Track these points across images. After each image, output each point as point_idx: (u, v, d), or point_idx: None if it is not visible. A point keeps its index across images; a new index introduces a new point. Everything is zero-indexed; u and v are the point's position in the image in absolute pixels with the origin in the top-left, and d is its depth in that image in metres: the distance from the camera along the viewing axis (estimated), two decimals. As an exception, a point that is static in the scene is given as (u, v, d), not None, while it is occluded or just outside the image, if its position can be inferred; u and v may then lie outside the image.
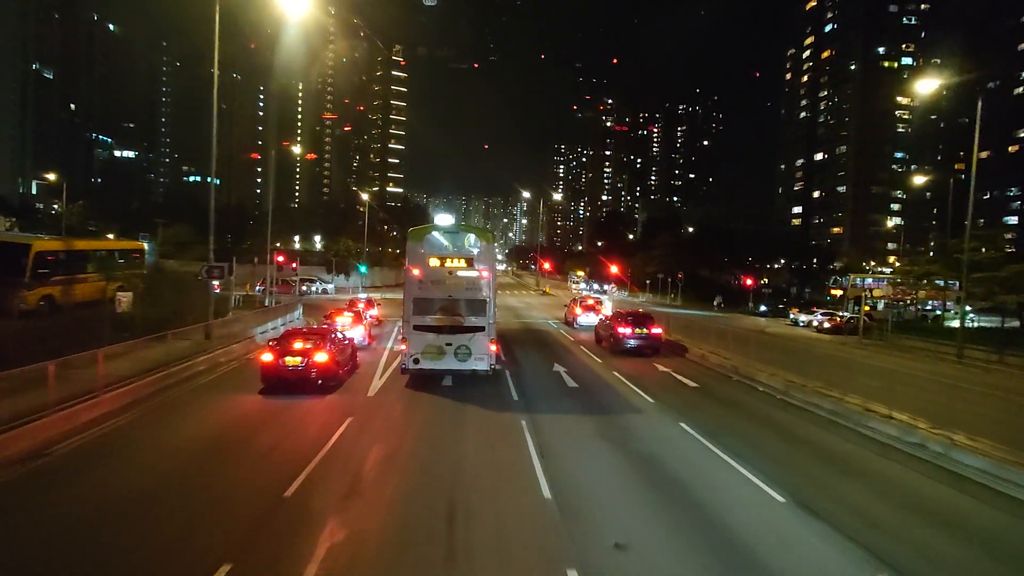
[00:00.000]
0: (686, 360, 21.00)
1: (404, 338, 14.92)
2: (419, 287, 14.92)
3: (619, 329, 21.36)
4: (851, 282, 48.50)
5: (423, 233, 15.24)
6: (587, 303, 30.56)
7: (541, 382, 16.22)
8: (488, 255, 15.20)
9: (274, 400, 13.21)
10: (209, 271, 19.30)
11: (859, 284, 48.26)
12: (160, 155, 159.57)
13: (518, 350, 22.04)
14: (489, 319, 14.99)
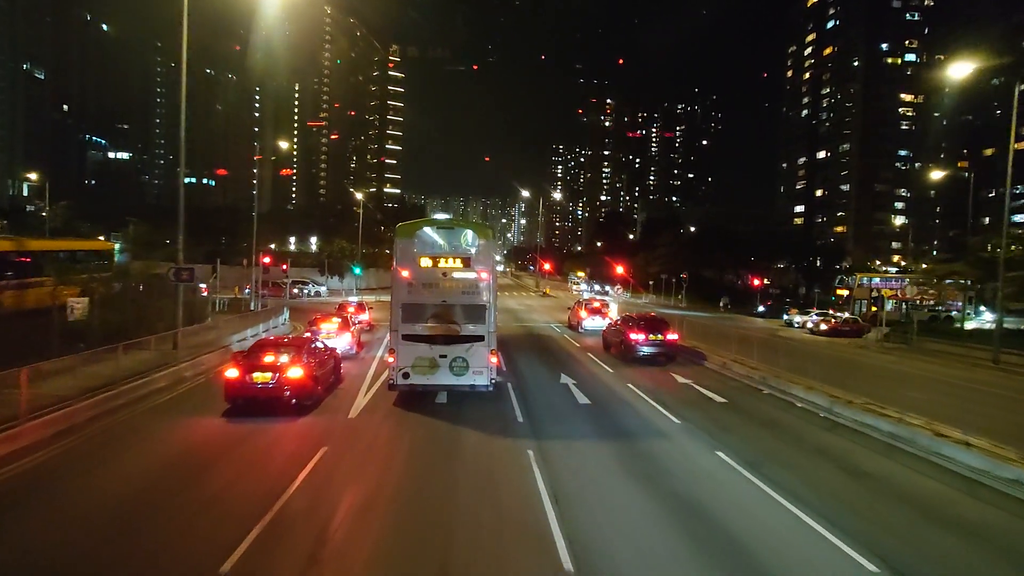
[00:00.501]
0: (705, 369, 19.11)
1: (392, 349, 13.02)
2: (409, 291, 13.02)
3: (631, 335, 19.48)
4: (857, 282, 46.61)
5: (413, 229, 13.33)
6: (593, 306, 28.68)
7: (548, 397, 14.32)
8: (487, 254, 13.31)
9: (237, 424, 11.30)
10: (177, 273, 17.38)
11: (866, 284, 46.43)
12: (155, 156, 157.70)
13: (520, 358, 20.15)
14: (489, 327, 13.10)
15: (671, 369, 18.66)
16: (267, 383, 11.87)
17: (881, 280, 47.40)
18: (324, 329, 19.15)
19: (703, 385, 16.14)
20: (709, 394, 15.04)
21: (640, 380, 16.64)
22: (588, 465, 9.31)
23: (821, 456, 10.21)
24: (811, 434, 11.64)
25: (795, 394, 14.56)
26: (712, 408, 13.66)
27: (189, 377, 15.20)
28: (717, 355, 19.94)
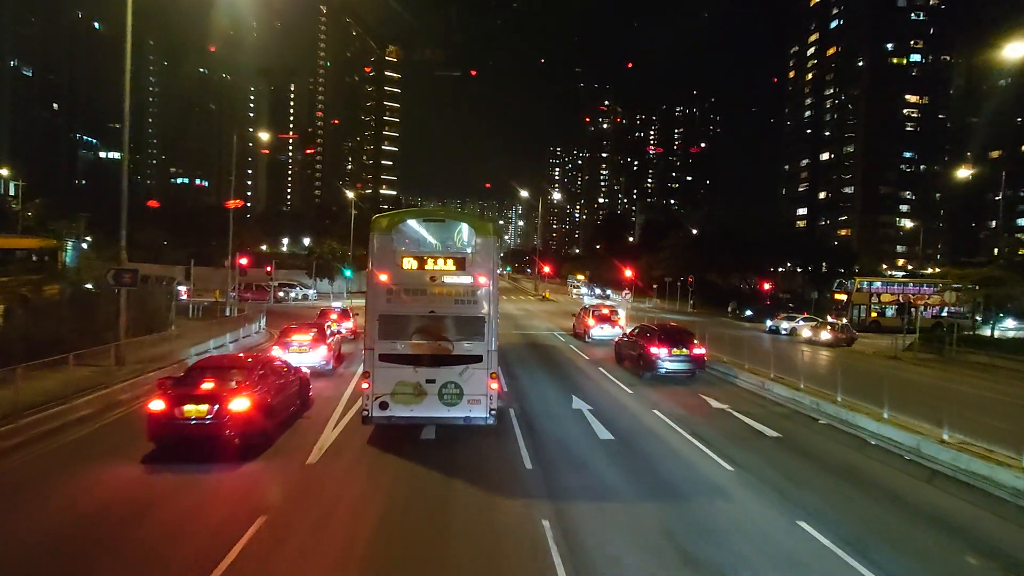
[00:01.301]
0: (739, 390, 16.47)
1: (366, 373, 10.35)
2: (388, 299, 10.36)
3: (651, 348, 16.84)
4: (856, 285, 43.91)
5: (394, 221, 10.65)
6: (601, 313, 26.01)
7: (561, 430, 11.65)
8: (487, 254, 10.64)
9: (157, 474, 8.62)
10: (118, 276, 14.65)
11: (865, 288, 43.79)
12: (147, 156, 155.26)
13: (523, 374, 17.49)
14: (489, 345, 10.46)
15: (699, 389, 16.01)
16: (202, 418, 9.18)
17: (882, 284, 44.72)
18: (296, 341, 16.46)
19: (743, 411, 13.49)
20: (755, 425, 12.39)
21: (667, 404, 14.00)
22: (629, 546, 6.65)
23: (943, 530, 7.55)
24: (911, 490, 8.97)
25: (861, 426, 11.92)
26: (766, 446, 11.01)
27: (124, 401, 12.48)
28: (750, 371, 17.31)
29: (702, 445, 10.74)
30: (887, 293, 43.35)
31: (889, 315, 42.68)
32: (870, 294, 42.97)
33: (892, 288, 44.07)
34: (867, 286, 43.64)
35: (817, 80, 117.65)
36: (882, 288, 43.90)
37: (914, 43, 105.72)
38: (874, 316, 42.33)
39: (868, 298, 42.79)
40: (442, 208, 12.32)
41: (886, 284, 44.66)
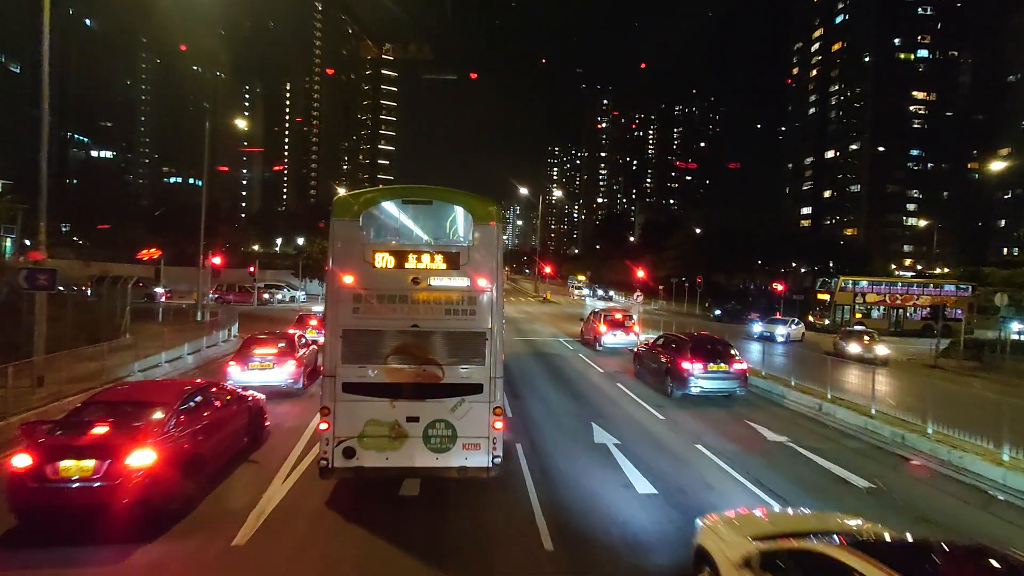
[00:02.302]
0: (789, 413, 13.75)
1: (325, 409, 7.62)
2: (355, 309, 7.62)
3: (683, 363, 14.12)
4: (839, 285, 41.23)
5: (364, 203, 7.86)
6: (614, 318, 23.27)
7: (585, 480, 8.89)
8: (489, 248, 7.87)
9: (10, 570, 5.89)
10: (31, 277, 11.86)
11: (849, 287, 41.02)
12: (139, 155, 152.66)
13: (530, 392, 14.77)
14: (491, 370, 7.75)
15: (743, 413, 13.31)
16: (87, 479, 6.45)
17: (868, 283, 42.00)
18: (258, 356, 13.71)
19: (810, 447, 10.77)
20: (833, 468, 9.67)
21: (711, 435, 11.30)
22: None
23: None
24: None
25: (976, 472, 9.21)
26: (862, 504, 8.26)
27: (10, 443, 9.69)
28: (798, 389, 14.61)
29: (776, 503, 8.03)
30: (872, 293, 40.76)
31: (876, 316, 40.23)
32: (854, 294, 40.33)
33: (879, 288, 41.42)
34: (851, 285, 40.86)
35: (822, 77, 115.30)
36: (868, 288, 41.21)
37: (921, 38, 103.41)
38: (859, 317, 39.66)
39: (852, 298, 40.14)
40: (429, 186, 8.39)
41: (873, 284, 41.95)
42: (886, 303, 40.40)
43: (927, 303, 40.54)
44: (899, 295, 40.80)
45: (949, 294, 41.26)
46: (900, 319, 40.43)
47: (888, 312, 40.38)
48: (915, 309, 40.55)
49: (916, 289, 41.67)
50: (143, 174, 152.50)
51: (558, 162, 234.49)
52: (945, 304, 40.08)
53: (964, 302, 40.63)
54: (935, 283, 43.76)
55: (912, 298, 40.71)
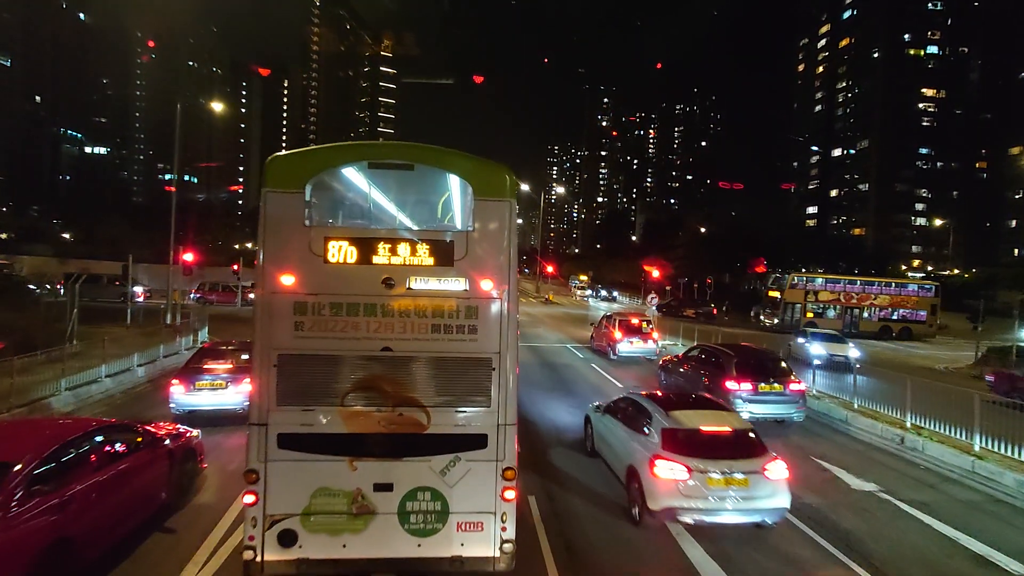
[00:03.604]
0: (861, 446, 11.21)
1: (252, 472, 5.11)
2: (297, 324, 5.11)
3: (727, 382, 11.61)
4: (790, 281, 38.50)
5: (314, 167, 5.31)
6: (630, 323, 20.73)
7: (630, 560, 6.39)
8: (498, 235, 5.33)
9: None
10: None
11: (800, 284, 38.41)
12: (134, 152, 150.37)
13: (539, 415, 12.25)
14: (500, 415, 5.28)
15: (805, 446, 10.81)
16: None
17: (823, 281, 39.53)
18: (209, 373, 11.17)
19: (914, 501, 8.25)
20: (965, 540, 7.15)
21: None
22: None
23: None
24: None
25: None
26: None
27: None
28: (862, 412, 12.11)
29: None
30: (826, 291, 38.26)
31: (831, 316, 37.88)
32: (806, 291, 37.88)
33: (834, 286, 38.91)
34: (802, 282, 38.41)
35: (829, 73, 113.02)
36: (822, 285, 38.70)
37: (931, 34, 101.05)
38: (810, 316, 37.38)
39: (803, 296, 37.73)
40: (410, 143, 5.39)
41: (828, 282, 39.48)
42: (840, 302, 38.06)
43: (885, 303, 38.25)
44: (855, 294, 38.41)
45: (911, 294, 39.07)
46: (856, 319, 38.12)
47: (843, 312, 38.07)
48: (872, 309, 38.23)
49: (874, 288, 39.23)
50: (137, 171, 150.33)
51: (558, 161, 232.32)
52: (906, 304, 38.07)
53: (927, 303, 38.60)
54: (897, 282, 41.29)
55: (869, 297, 38.33)
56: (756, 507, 6.77)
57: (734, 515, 6.77)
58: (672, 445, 7.04)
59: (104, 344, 13.76)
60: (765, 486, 6.79)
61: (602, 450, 9.02)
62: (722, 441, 7.22)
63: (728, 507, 6.71)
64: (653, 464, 6.89)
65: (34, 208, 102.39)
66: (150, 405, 12.28)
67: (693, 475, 6.70)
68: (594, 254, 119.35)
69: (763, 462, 6.99)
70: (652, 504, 6.83)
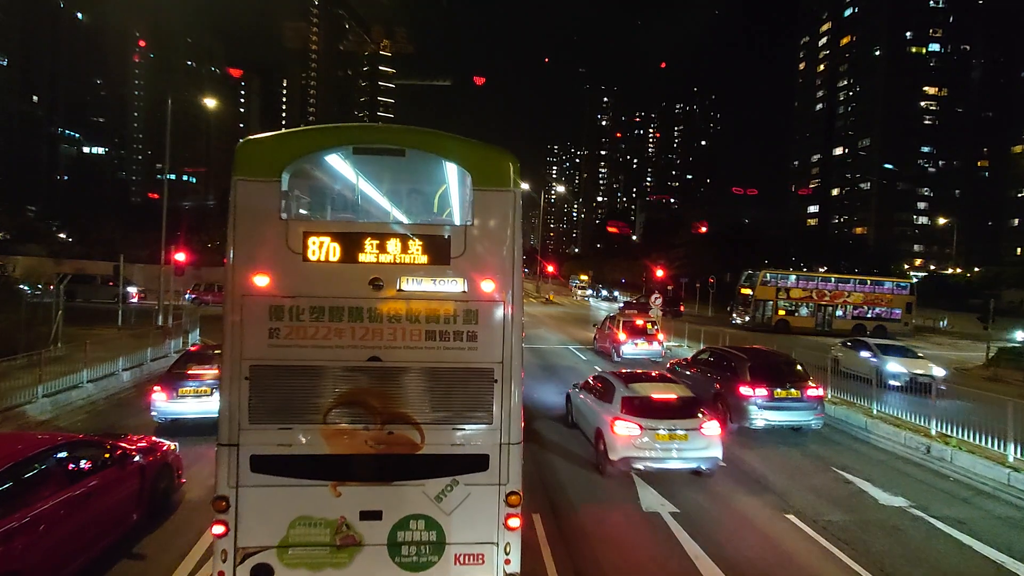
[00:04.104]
0: (884, 455, 10.58)
1: (221, 499, 4.50)
2: (272, 330, 4.49)
3: (740, 387, 11.01)
4: (760, 279, 37.69)
5: (291, 152, 4.66)
6: (635, 324, 20.13)
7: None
8: (501, 230, 4.70)
9: None
10: None
11: (771, 281, 37.65)
12: (132, 152, 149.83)
13: (542, 422, 11.63)
14: (504, 432, 4.66)
15: (824, 455, 10.21)
16: None
17: (796, 278, 38.86)
18: (194, 379, 10.55)
19: (949, 518, 7.64)
20: (1012, 564, 6.55)
21: (799, 494, 8.20)
22: None
23: None
24: None
25: None
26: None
27: None
28: (889, 421, 11.50)
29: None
30: (798, 289, 37.66)
31: (804, 314, 37.36)
32: (777, 289, 37.25)
33: (807, 284, 38.30)
34: (773, 280, 37.69)
35: (830, 71, 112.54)
36: (793, 283, 38.08)
37: (933, 32, 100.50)
38: (781, 314, 36.83)
39: (775, 293, 37.11)
40: (400, 126, 4.99)
41: (803, 279, 38.83)
42: (813, 299, 37.49)
43: (859, 301, 37.70)
44: (827, 292, 37.81)
45: (886, 292, 38.51)
46: (829, 318, 37.58)
47: (815, 310, 37.51)
48: (845, 307, 37.64)
49: (848, 286, 38.65)
50: (136, 171, 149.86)
51: (557, 160, 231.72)
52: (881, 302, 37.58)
53: (902, 301, 38.07)
54: (873, 280, 40.79)
55: (842, 295, 37.78)
56: (694, 456, 8.49)
57: (676, 463, 8.49)
58: (628, 409, 8.70)
59: (86, 347, 13.12)
60: (701, 440, 8.47)
61: (578, 421, 10.66)
62: (668, 405, 8.86)
63: (672, 456, 8.41)
64: (613, 424, 8.56)
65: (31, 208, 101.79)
66: (133, 412, 11.67)
67: (644, 432, 8.41)
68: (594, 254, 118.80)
69: (700, 422, 8.61)
70: (612, 455, 8.48)
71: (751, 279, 38.83)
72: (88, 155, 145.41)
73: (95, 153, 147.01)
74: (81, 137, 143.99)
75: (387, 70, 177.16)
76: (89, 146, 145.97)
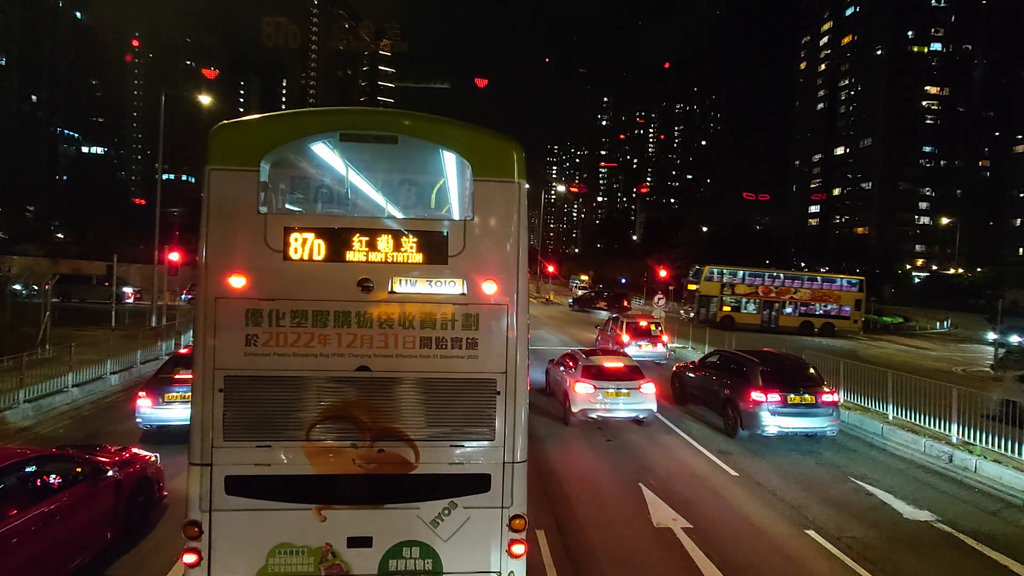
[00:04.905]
0: (904, 463, 10.10)
1: (193, 524, 4.04)
2: (249, 337, 4.02)
3: (752, 392, 10.54)
4: (704, 274, 37.06)
5: (270, 139, 4.19)
6: (638, 325, 19.65)
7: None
8: (504, 226, 4.23)
9: None
10: None
11: (716, 277, 36.94)
12: (132, 152, 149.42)
13: (544, 428, 11.19)
14: (508, 451, 4.20)
15: (841, 464, 9.74)
16: None
17: (742, 274, 38.09)
18: (180, 384, 10.08)
19: (979, 534, 7.18)
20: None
21: (817, 507, 7.76)
22: None
23: None
24: None
25: None
26: None
27: None
28: (907, 427, 11.03)
29: None
30: (743, 285, 37.07)
31: (751, 310, 36.80)
32: (722, 285, 36.67)
33: (753, 280, 37.75)
34: (718, 275, 37.07)
35: (831, 71, 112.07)
36: (740, 279, 37.46)
37: (934, 31, 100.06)
38: (727, 311, 36.23)
39: (719, 289, 36.51)
40: (392, 110, 4.89)
41: (752, 275, 38.28)
42: (758, 296, 36.96)
43: (806, 298, 37.18)
44: (773, 288, 37.27)
45: (834, 289, 38.08)
46: (775, 314, 37.08)
47: (761, 306, 36.98)
48: (795, 304, 37.16)
49: (796, 283, 38.12)
50: (135, 171, 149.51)
51: (557, 160, 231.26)
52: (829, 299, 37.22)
53: (851, 298, 37.66)
54: (825, 277, 40.50)
55: (789, 291, 37.22)
56: (634, 408, 11.31)
57: (621, 413, 11.33)
58: (587, 374, 11.35)
59: (72, 350, 12.66)
60: (640, 396, 11.24)
61: (554, 389, 13.00)
62: (616, 371, 11.57)
63: (618, 408, 11.23)
64: (575, 385, 11.26)
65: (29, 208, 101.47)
66: (119, 418, 11.22)
67: (597, 390, 11.08)
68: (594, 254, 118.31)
69: (640, 383, 11.34)
70: (574, 408, 11.18)
71: (698, 274, 38.26)
72: (87, 155, 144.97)
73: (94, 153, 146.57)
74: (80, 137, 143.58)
75: (387, 69, 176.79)
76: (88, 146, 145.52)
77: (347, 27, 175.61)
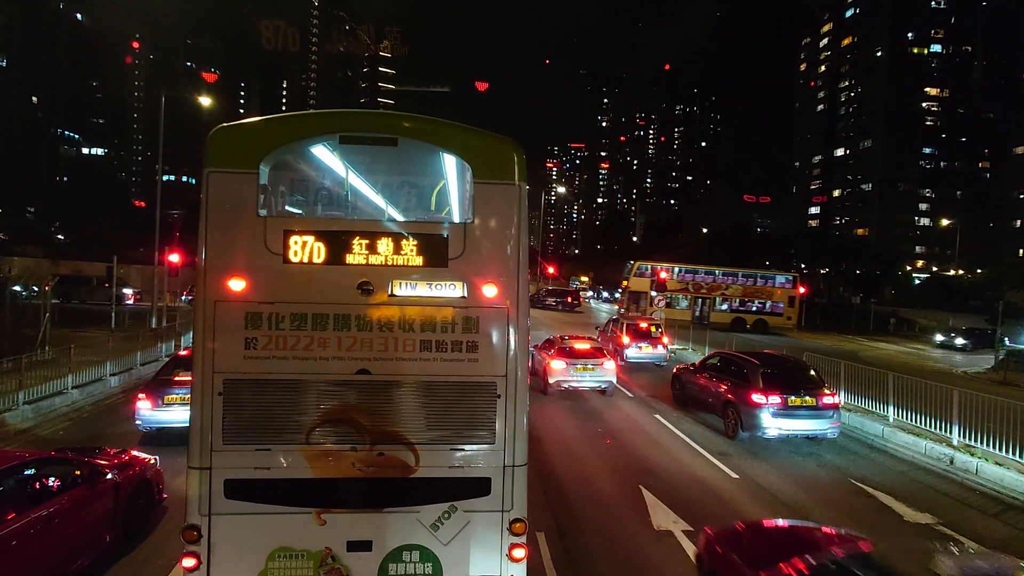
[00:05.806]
0: (905, 465, 10.10)
1: (191, 528, 4.02)
2: (248, 340, 3.99)
3: (752, 394, 10.52)
4: (633, 270, 36.20)
5: (269, 142, 4.17)
6: (639, 327, 19.67)
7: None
8: (504, 229, 4.22)
9: None
10: None
11: (646, 272, 35.45)
12: (132, 153, 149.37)
13: (544, 429, 11.17)
14: (507, 454, 4.20)
15: (841, 465, 9.74)
16: None
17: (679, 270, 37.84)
18: (180, 386, 10.07)
19: (983, 537, 7.18)
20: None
21: (817, 511, 7.74)
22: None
23: None
24: None
25: None
26: None
27: None
28: (908, 429, 11.02)
29: None
30: (673, 280, 36.60)
31: (682, 306, 36.67)
32: (651, 280, 36.46)
33: (685, 275, 37.69)
34: (648, 270, 36.14)
35: (831, 73, 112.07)
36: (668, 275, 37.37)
37: (934, 33, 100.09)
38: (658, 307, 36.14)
39: (649, 285, 36.26)
40: (391, 112, 5.42)
41: (687, 271, 38.18)
42: (689, 292, 36.95)
43: (738, 294, 37.18)
44: (704, 284, 37.26)
45: (768, 286, 38.02)
46: (707, 310, 36.97)
47: (692, 302, 36.89)
48: (729, 300, 37.07)
49: (728, 279, 38.06)
50: (136, 172, 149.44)
51: (557, 161, 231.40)
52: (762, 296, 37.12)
53: (785, 295, 37.61)
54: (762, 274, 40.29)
55: (720, 288, 37.26)
56: (598, 380, 14.18)
57: (588, 383, 14.22)
58: (560, 354, 14.24)
59: (72, 351, 12.65)
60: (602, 371, 14.18)
61: (536, 368, 14.80)
62: (585, 351, 14.48)
63: (585, 379, 14.12)
64: (551, 361, 14.09)
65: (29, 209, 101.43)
66: (119, 420, 11.21)
67: (569, 366, 13.92)
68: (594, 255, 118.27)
69: (603, 361, 14.32)
70: (550, 380, 14.00)
71: (629, 270, 37.99)
72: (88, 156, 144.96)
73: (95, 154, 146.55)
74: (80, 138, 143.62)
75: (387, 71, 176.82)
76: (89, 147, 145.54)
77: (347, 29, 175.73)
